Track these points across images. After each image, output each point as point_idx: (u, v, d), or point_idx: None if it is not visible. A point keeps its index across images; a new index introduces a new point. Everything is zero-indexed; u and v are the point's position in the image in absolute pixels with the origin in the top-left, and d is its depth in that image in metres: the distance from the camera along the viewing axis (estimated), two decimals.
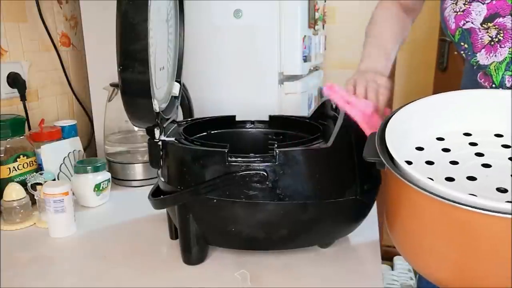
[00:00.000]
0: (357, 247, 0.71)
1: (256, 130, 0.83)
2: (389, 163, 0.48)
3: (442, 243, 0.44)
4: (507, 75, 0.61)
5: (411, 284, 1.76)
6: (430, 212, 0.44)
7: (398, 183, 0.47)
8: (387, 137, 0.52)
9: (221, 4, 1.03)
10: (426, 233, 0.46)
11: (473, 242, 0.42)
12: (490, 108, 0.57)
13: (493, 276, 0.42)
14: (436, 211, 0.43)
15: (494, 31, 0.60)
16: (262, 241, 0.64)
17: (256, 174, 0.58)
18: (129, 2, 0.54)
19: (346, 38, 2.10)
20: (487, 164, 0.49)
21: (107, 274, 0.64)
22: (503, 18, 0.59)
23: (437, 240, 0.45)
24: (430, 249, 0.46)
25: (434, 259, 0.47)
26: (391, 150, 0.49)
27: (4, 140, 0.86)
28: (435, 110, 0.59)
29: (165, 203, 0.65)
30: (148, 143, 0.66)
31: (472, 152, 0.52)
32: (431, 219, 0.45)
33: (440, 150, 0.53)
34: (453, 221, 0.42)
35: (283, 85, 1.07)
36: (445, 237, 0.44)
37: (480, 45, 0.63)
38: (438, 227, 0.44)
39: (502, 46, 0.60)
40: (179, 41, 0.79)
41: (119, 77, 0.56)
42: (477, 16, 0.61)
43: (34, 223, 0.82)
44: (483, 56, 0.63)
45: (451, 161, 0.51)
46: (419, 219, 0.47)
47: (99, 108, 1.13)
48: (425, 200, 0.43)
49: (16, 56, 1.02)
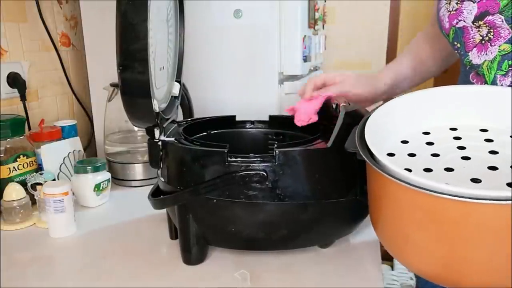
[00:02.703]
0: (357, 247, 0.71)
1: (256, 130, 0.83)
2: (366, 154, 0.49)
3: (417, 232, 0.46)
4: (499, 74, 0.61)
5: (411, 284, 1.76)
6: (404, 201, 0.46)
7: (376, 175, 0.48)
8: (366, 130, 0.53)
9: (221, 4, 1.03)
10: (402, 223, 0.47)
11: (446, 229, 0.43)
12: (478, 103, 0.58)
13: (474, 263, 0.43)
14: (409, 199, 0.44)
15: (485, 30, 0.61)
16: (262, 241, 0.64)
17: (256, 174, 0.58)
18: (129, 2, 0.54)
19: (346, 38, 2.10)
20: (466, 156, 0.50)
21: (107, 274, 0.64)
22: (492, 16, 0.59)
23: (412, 229, 0.46)
24: (408, 238, 0.47)
25: (413, 249, 0.47)
26: (368, 142, 0.50)
27: (4, 140, 0.86)
28: (424, 104, 0.59)
29: (165, 203, 0.65)
30: (148, 143, 0.66)
31: (455, 145, 0.53)
32: (406, 208, 0.46)
33: (424, 143, 0.54)
34: (426, 208, 0.43)
35: (283, 85, 1.07)
36: (420, 226, 0.45)
37: (472, 44, 0.64)
38: (413, 215, 0.45)
39: (492, 44, 0.61)
40: (179, 41, 0.79)
41: (119, 77, 0.56)
42: (468, 14, 0.62)
43: (34, 223, 0.82)
44: (475, 55, 0.64)
45: (432, 154, 0.52)
46: (396, 209, 0.48)
47: (99, 108, 1.13)
48: (399, 189, 0.44)
49: (16, 56, 1.02)
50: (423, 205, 0.43)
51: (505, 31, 0.59)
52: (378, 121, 0.56)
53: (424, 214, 0.44)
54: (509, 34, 0.59)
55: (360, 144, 0.52)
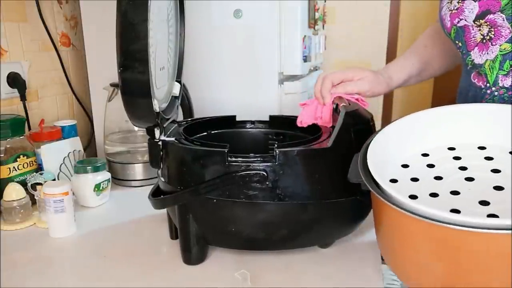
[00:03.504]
0: (357, 247, 0.71)
1: (256, 130, 0.83)
2: (372, 186, 0.48)
3: (425, 259, 0.45)
4: (500, 74, 0.61)
5: None
6: (413, 231, 0.45)
7: (382, 204, 0.47)
8: (368, 158, 0.52)
9: (221, 4, 1.03)
10: (410, 250, 0.47)
11: (457, 258, 0.42)
12: (474, 121, 0.57)
13: None
14: (419, 230, 0.44)
15: (486, 29, 0.61)
16: (262, 241, 0.64)
17: (256, 174, 0.58)
18: (129, 2, 0.54)
19: (346, 38, 2.11)
20: (470, 177, 0.50)
21: (107, 274, 0.64)
22: (493, 14, 0.60)
23: (420, 256, 0.45)
24: (415, 264, 0.47)
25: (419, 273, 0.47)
26: (373, 172, 0.50)
27: (4, 140, 0.86)
28: (419, 127, 0.59)
29: (165, 203, 0.65)
30: (148, 143, 0.66)
31: (456, 166, 0.53)
32: (414, 237, 0.45)
33: (425, 166, 0.54)
34: (436, 238, 0.42)
35: (283, 85, 1.07)
36: (429, 253, 0.44)
37: (473, 43, 0.64)
38: (421, 244, 0.45)
39: (493, 43, 0.61)
40: (179, 41, 0.79)
41: (119, 77, 0.56)
42: (469, 13, 0.62)
43: (34, 223, 0.82)
44: (477, 54, 0.64)
45: (435, 177, 0.52)
46: (403, 237, 0.47)
47: (99, 108, 1.13)
48: (407, 219, 0.44)
49: (16, 56, 1.02)
50: (432, 234, 0.42)
51: (506, 30, 0.59)
52: (376, 150, 0.55)
53: (432, 242, 0.43)
54: (510, 33, 0.59)
55: (364, 175, 0.51)
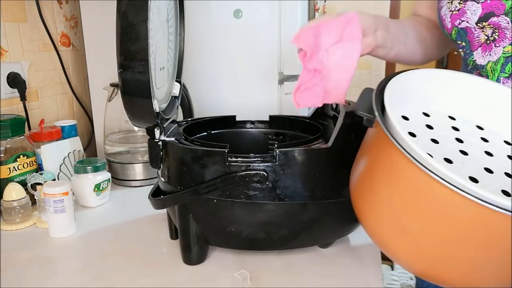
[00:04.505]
0: (357, 247, 0.71)
1: (256, 130, 0.83)
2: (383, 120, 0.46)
3: (410, 216, 0.43)
4: (502, 76, 0.61)
5: (411, 284, 1.76)
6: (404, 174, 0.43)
7: (381, 144, 0.45)
8: (386, 95, 0.49)
9: (221, 4, 1.03)
10: (396, 201, 0.45)
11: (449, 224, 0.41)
12: (479, 97, 0.56)
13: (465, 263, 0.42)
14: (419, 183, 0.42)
15: (490, 30, 0.60)
16: (262, 241, 0.64)
17: (256, 174, 0.58)
18: (129, 2, 0.54)
19: None
20: (464, 151, 0.50)
21: (107, 274, 0.64)
22: (497, 17, 0.59)
23: (406, 211, 0.44)
24: (395, 219, 0.45)
25: (396, 231, 0.45)
26: (387, 108, 0.47)
27: (4, 140, 0.86)
28: (430, 85, 0.57)
29: (165, 203, 0.65)
30: (148, 143, 0.66)
31: (453, 136, 0.52)
32: (408, 188, 0.43)
33: (424, 125, 0.53)
34: (432, 197, 0.41)
35: (283, 85, 1.07)
36: (418, 211, 0.43)
37: (477, 44, 0.63)
38: (413, 198, 0.43)
39: (496, 45, 0.61)
40: (179, 41, 0.79)
41: (119, 77, 0.56)
42: (472, 15, 0.61)
43: (34, 223, 0.82)
44: (480, 54, 0.63)
45: (432, 139, 0.51)
46: (395, 185, 0.45)
47: (99, 108, 1.13)
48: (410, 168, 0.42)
49: (16, 56, 1.02)
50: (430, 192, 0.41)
51: (510, 33, 0.59)
52: (396, 89, 0.52)
53: (430, 204, 0.41)
54: None
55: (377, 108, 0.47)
